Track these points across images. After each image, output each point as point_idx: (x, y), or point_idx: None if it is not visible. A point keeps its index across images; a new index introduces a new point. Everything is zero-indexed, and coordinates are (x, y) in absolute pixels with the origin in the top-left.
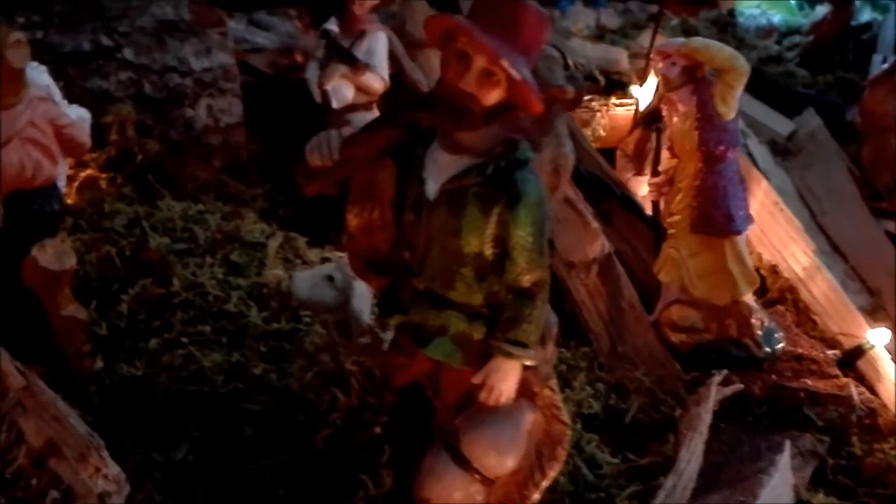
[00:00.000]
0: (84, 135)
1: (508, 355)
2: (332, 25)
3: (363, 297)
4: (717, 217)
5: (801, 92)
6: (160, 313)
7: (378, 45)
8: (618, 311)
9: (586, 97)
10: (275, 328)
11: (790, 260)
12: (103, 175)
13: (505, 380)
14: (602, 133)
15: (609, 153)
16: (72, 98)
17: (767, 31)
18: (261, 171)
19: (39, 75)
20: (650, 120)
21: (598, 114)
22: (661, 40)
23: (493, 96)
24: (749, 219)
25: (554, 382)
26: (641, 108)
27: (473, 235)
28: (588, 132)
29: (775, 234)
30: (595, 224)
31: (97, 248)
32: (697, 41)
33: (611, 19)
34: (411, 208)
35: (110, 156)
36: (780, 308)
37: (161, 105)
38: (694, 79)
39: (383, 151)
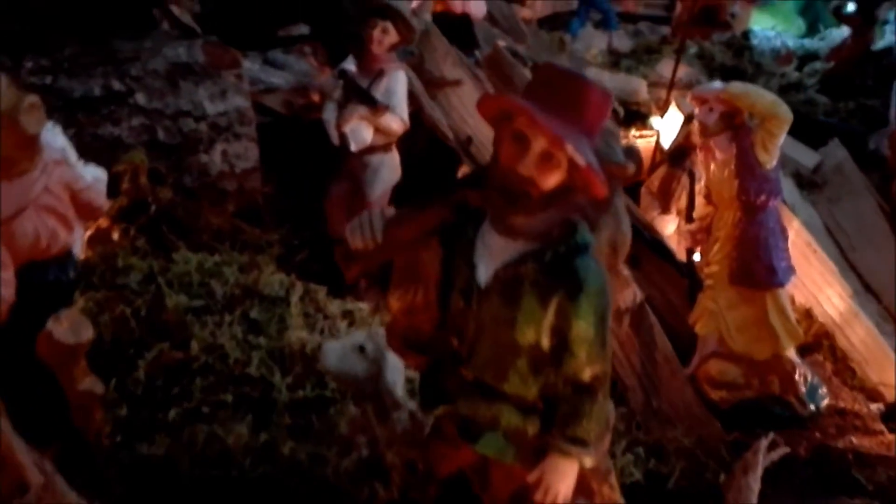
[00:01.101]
0: (101, 198)
1: (566, 454)
2: (350, 65)
3: (396, 368)
4: (758, 269)
5: (823, 121)
6: (179, 380)
7: (397, 84)
8: (652, 364)
9: None
10: (301, 396)
11: (825, 304)
12: (115, 227)
13: (562, 479)
14: None
15: (629, 188)
16: (82, 146)
17: (786, 56)
18: (276, 214)
19: (54, 137)
20: (677, 157)
21: None
22: (671, 65)
23: (552, 180)
24: (791, 270)
25: (613, 478)
26: (663, 140)
27: (530, 326)
28: None
29: (809, 276)
30: (626, 271)
31: (111, 309)
32: (737, 86)
33: (622, 41)
34: (460, 293)
35: (122, 206)
36: (819, 357)
37: (175, 151)
38: (732, 125)
39: (430, 232)
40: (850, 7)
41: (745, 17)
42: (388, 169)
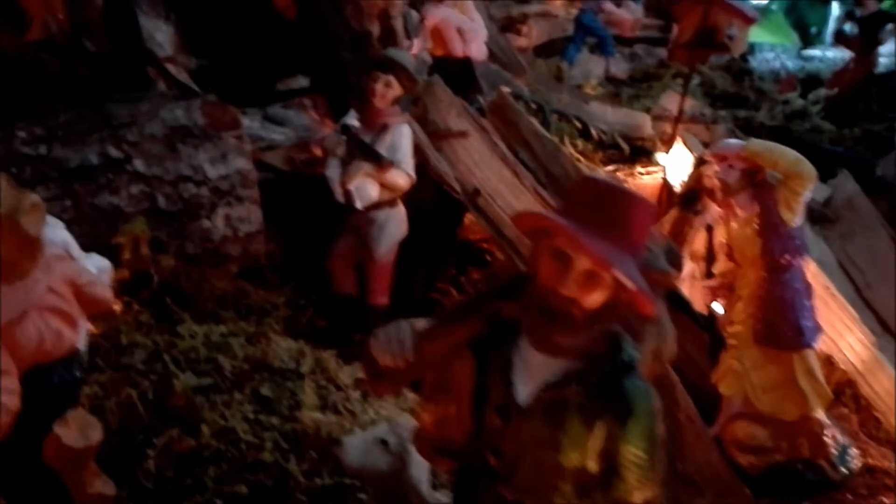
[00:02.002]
0: (106, 291)
1: None
2: (352, 120)
3: (421, 464)
4: (785, 330)
5: (830, 149)
6: (191, 469)
7: (402, 139)
8: (675, 424)
9: (611, 167)
10: (318, 485)
11: (846, 351)
12: (118, 301)
13: None
14: None
15: None
16: (80, 217)
17: (787, 80)
18: (280, 273)
19: (55, 231)
20: (688, 201)
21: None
22: (674, 98)
23: (596, 299)
24: (818, 329)
25: None
26: (669, 176)
27: (576, 450)
28: None
29: (828, 322)
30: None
31: (117, 392)
32: (758, 144)
33: (619, 65)
34: (497, 411)
35: (124, 278)
36: (844, 410)
37: (176, 218)
38: (754, 183)
39: (462, 346)
40: (851, 28)
41: (743, 39)
42: (395, 224)
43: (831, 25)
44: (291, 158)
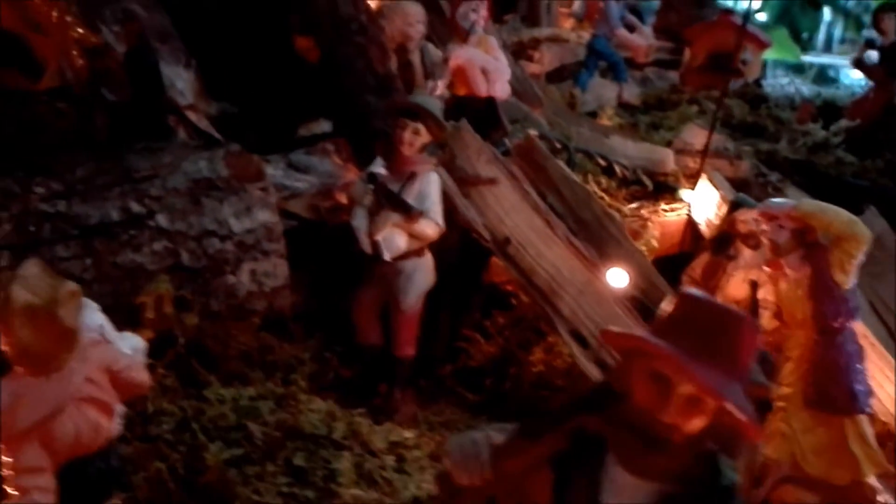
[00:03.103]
0: (142, 374)
1: None
2: (379, 168)
3: None
4: (837, 395)
5: (855, 183)
6: None
7: (431, 187)
8: None
9: (634, 204)
10: None
11: (887, 402)
12: None
13: None
14: (655, 244)
15: (660, 262)
16: (101, 276)
17: (804, 108)
18: (304, 324)
19: (91, 314)
20: (720, 245)
21: (650, 223)
22: (696, 131)
23: (698, 425)
24: (871, 394)
25: None
26: (694, 214)
27: None
28: (641, 244)
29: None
30: None
31: (145, 466)
32: (809, 205)
33: (630, 90)
34: None
35: (148, 340)
36: (891, 469)
37: (200, 275)
38: (806, 243)
39: (542, 462)
40: (869, 57)
41: (757, 64)
42: (423, 274)
43: (822, 31)
44: (315, 206)
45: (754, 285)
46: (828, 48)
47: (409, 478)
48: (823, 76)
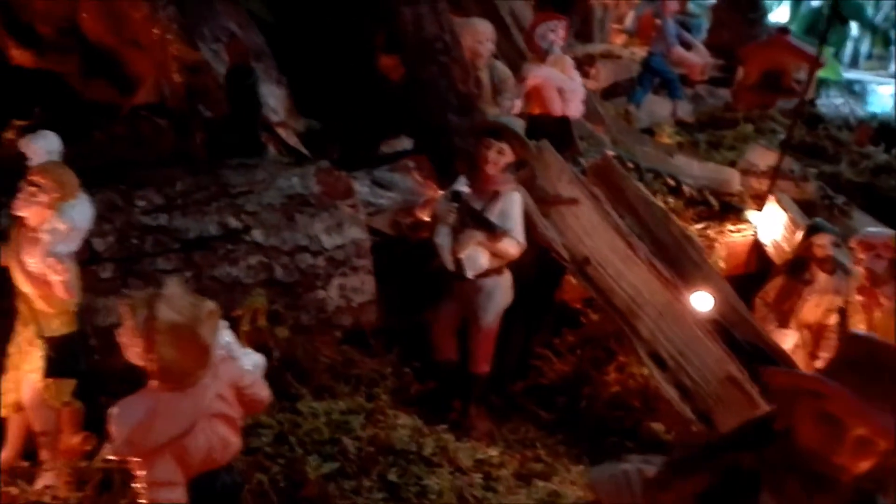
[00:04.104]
0: (264, 390)
1: None
2: (463, 186)
3: None
4: None
5: None
6: None
7: (513, 207)
8: None
9: (701, 225)
10: None
11: None
12: None
13: None
14: (721, 265)
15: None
16: (201, 289)
17: (861, 130)
18: (383, 338)
19: (220, 332)
20: (796, 269)
21: (717, 243)
22: (761, 152)
23: (866, 465)
24: None
25: None
26: (762, 237)
27: None
28: None
29: None
30: (767, 409)
31: (248, 478)
32: None
33: (683, 107)
34: None
35: None
36: None
37: (291, 289)
38: None
39: (692, 497)
40: None
41: (812, 83)
42: (502, 291)
43: (849, 46)
44: (397, 222)
45: (842, 312)
46: (854, 63)
47: (498, 496)
48: (851, 91)
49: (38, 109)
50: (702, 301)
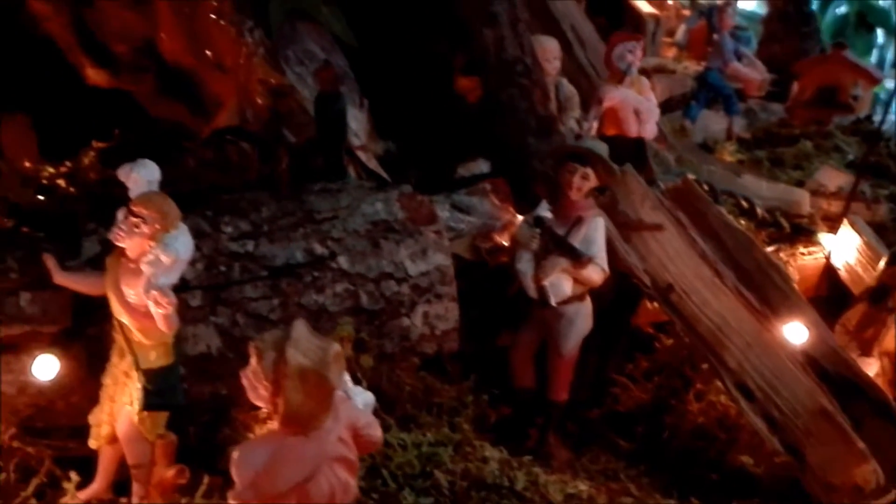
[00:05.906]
0: (378, 430)
1: None
2: (545, 212)
3: None
4: None
5: None
6: None
7: (597, 233)
8: None
9: (772, 247)
10: None
11: None
12: None
13: None
14: None
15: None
16: (288, 318)
17: None
18: (460, 363)
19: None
20: (878, 296)
21: (788, 266)
22: (831, 173)
23: None
24: None
25: None
26: (835, 260)
27: None
28: None
29: None
30: (861, 444)
31: None
32: None
33: (737, 122)
34: None
35: None
36: None
37: (377, 317)
38: None
39: None
40: None
41: (868, 99)
42: (583, 318)
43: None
44: (476, 247)
45: (890, 311)
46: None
47: None
48: (875, 100)
49: (117, 131)
50: (796, 333)
